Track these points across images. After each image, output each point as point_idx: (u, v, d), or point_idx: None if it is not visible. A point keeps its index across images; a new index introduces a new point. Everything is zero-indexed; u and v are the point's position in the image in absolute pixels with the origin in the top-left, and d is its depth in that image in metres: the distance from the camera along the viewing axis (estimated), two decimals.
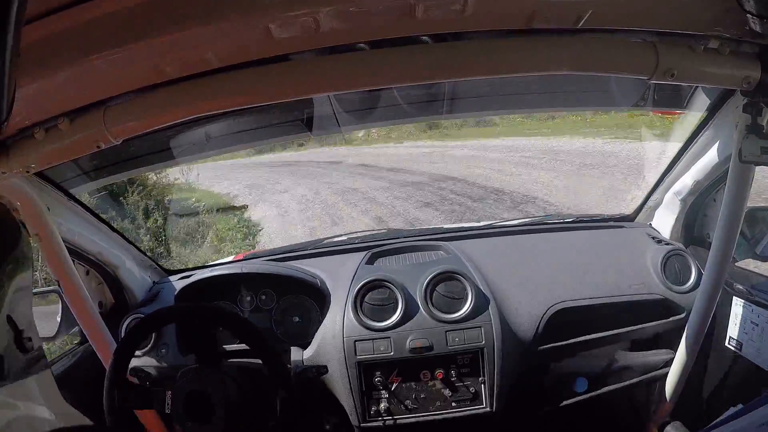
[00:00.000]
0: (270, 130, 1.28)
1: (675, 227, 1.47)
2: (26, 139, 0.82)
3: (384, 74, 0.78)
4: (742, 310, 1.24)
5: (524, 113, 7.30)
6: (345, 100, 1.12)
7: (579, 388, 1.39)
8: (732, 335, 1.27)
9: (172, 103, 0.79)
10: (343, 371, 1.28)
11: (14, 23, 0.40)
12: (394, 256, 1.53)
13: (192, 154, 1.31)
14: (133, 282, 1.49)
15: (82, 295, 1.12)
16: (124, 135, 0.82)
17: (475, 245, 1.53)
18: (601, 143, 8.21)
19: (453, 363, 1.28)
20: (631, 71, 0.79)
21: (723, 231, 1.03)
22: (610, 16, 0.73)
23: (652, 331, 1.35)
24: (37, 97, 0.72)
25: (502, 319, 1.30)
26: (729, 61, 0.77)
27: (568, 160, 7.70)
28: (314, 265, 1.52)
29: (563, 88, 1.22)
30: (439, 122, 9.70)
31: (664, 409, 1.36)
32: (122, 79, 0.75)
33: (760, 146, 0.84)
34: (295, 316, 1.42)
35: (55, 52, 0.64)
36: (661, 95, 1.20)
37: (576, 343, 1.34)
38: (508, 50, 0.76)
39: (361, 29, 0.71)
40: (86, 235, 1.28)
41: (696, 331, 1.18)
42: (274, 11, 0.63)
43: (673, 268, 1.39)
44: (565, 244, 1.53)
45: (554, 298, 1.34)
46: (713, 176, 1.27)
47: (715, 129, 1.17)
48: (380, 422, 1.29)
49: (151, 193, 5.92)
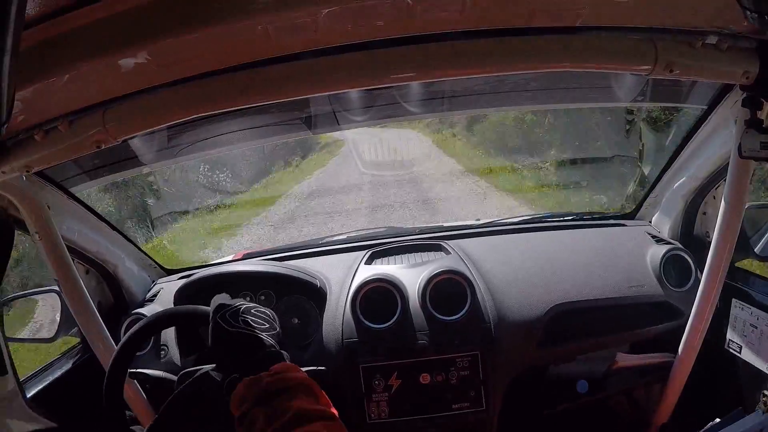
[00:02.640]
0: (269, 130, 1.28)
1: (674, 225, 1.47)
2: (26, 141, 0.82)
3: (384, 74, 0.78)
4: (741, 313, 1.23)
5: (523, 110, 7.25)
6: (344, 98, 1.12)
7: (579, 390, 1.39)
8: (731, 338, 1.26)
9: (173, 104, 0.79)
10: (342, 373, 1.28)
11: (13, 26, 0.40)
12: (394, 256, 1.53)
13: (192, 153, 1.31)
14: (133, 281, 1.49)
15: (81, 295, 1.11)
16: (124, 135, 0.82)
17: (474, 244, 1.53)
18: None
19: (452, 365, 1.27)
20: (631, 67, 0.79)
21: (722, 229, 1.03)
22: (609, 13, 0.73)
23: (651, 333, 1.35)
24: (36, 99, 0.72)
25: (501, 321, 1.29)
26: (728, 56, 0.77)
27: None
28: (314, 264, 1.52)
29: (562, 85, 1.22)
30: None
31: (663, 412, 1.35)
32: (122, 81, 0.75)
33: (760, 141, 0.84)
34: (294, 317, 1.42)
35: (54, 55, 0.64)
36: (660, 91, 1.20)
37: (575, 346, 1.34)
38: (507, 48, 0.76)
39: (360, 29, 0.71)
40: (86, 234, 1.28)
41: (695, 333, 1.18)
42: (273, 12, 0.63)
43: (672, 269, 1.38)
44: (565, 242, 1.53)
45: (554, 298, 1.33)
46: (713, 172, 1.27)
47: (714, 124, 1.17)
48: (380, 424, 1.28)
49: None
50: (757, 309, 1.19)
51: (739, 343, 1.24)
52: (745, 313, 1.22)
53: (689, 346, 1.21)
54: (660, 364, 1.33)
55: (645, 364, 1.37)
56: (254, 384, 0.68)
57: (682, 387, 1.28)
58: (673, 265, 1.38)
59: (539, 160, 6.65)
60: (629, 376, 1.40)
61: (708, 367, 1.29)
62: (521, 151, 7.49)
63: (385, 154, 8.19)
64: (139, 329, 0.88)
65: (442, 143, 10.84)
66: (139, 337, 0.89)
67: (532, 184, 6.39)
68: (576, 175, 5.83)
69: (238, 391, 0.68)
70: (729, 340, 1.27)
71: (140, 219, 5.70)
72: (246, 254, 1.78)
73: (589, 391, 1.39)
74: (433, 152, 10.32)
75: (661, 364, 1.33)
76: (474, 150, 9.41)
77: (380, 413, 1.28)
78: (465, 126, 9.95)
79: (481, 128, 9.19)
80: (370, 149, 8.26)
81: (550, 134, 6.76)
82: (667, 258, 1.38)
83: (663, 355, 1.35)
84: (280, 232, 6.33)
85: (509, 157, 7.85)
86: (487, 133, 8.94)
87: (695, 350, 1.21)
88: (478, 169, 7.87)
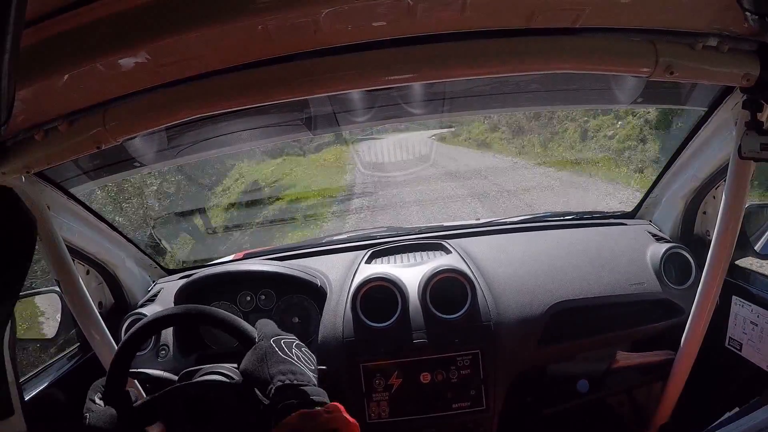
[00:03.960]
0: (269, 130, 1.28)
1: (675, 224, 1.47)
2: (26, 141, 0.82)
3: (384, 75, 0.77)
4: (741, 310, 1.24)
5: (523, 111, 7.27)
6: (344, 99, 1.12)
7: (579, 389, 1.39)
8: (732, 335, 1.27)
9: (173, 105, 0.79)
10: (343, 373, 1.28)
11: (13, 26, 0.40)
12: (394, 255, 1.53)
13: (192, 153, 1.31)
14: (133, 281, 1.49)
15: (82, 296, 1.12)
16: (124, 135, 0.82)
17: (475, 243, 1.53)
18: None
19: (453, 364, 1.27)
20: (631, 69, 0.79)
21: (722, 228, 1.03)
22: (609, 15, 0.73)
23: (652, 331, 1.35)
24: (36, 99, 0.72)
25: (501, 319, 1.29)
26: (728, 58, 0.77)
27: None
28: (314, 263, 1.52)
29: (562, 86, 1.22)
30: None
31: (664, 411, 1.35)
32: (122, 81, 0.75)
33: (760, 142, 0.84)
34: (294, 316, 1.42)
35: (54, 55, 0.64)
36: (660, 92, 1.20)
37: (576, 344, 1.34)
38: (507, 50, 0.76)
39: (360, 30, 0.71)
40: (86, 234, 1.28)
41: (696, 331, 1.18)
42: (273, 13, 0.63)
43: (672, 267, 1.39)
44: (566, 241, 1.53)
45: (555, 296, 1.34)
46: (713, 172, 1.27)
47: (715, 125, 1.17)
48: (380, 424, 1.28)
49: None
50: (757, 306, 1.19)
51: (739, 340, 1.24)
52: (746, 310, 1.22)
53: (690, 344, 1.21)
54: (661, 361, 1.34)
55: (647, 363, 1.38)
56: (311, 417, 0.67)
57: (683, 385, 1.29)
58: (674, 263, 1.39)
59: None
60: (630, 374, 1.40)
61: (708, 365, 1.29)
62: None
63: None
64: (137, 331, 0.87)
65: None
66: (138, 339, 0.88)
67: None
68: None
69: (291, 419, 0.68)
70: (729, 338, 1.27)
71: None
72: (246, 254, 1.78)
73: (589, 390, 1.39)
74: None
75: (662, 362, 1.33)
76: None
77: (380, 413, 1.28)
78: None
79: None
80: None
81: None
82: (667, 256, 1.38)
83: (664, 352, 1.35)
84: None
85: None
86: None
87: (696, 348, 1.21)
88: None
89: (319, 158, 11.76)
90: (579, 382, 1.38)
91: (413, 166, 9.24)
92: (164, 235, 5.56)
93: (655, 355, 1.37)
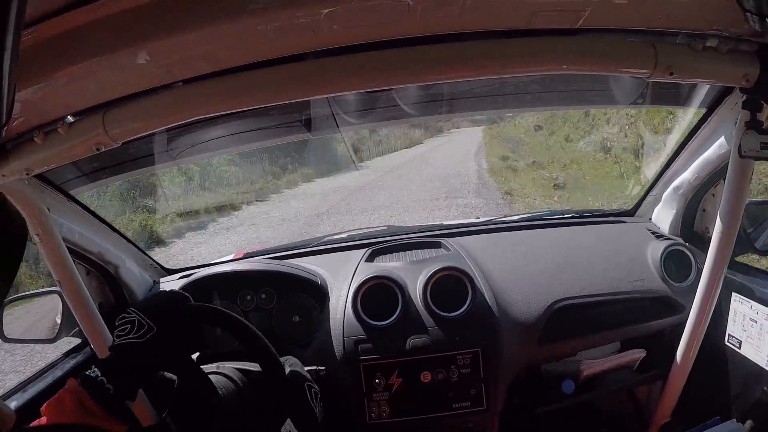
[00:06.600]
0: (269, 132, 1.28)
1: (674, 222, 1.47)
2: (26, 143, 0.82)
3: (384, 76, 0.77)
4: (741, 307, 1.24)
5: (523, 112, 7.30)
6: (343, 100, 1.12)
7: (564, 391, 1.38)
8: (731, 333, 1.27)
9: (173, 106, 0.78)
10: (343, 372, 1.28)
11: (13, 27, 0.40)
12: (394, 254, 1.53)
13: (191, 155, 1.31)
14: (134, 281, 1.49)
15: (82, 296, 1.12)
16: (124, 137, 0.82)
17: (475, 242, 1.53)
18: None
19: (453, 363, 1.27)
20: (631, 70, 0.79)
21: (722, 226, 1.03)
22: (609, 16, 0.73)
23: (652, 328, 1.35)
24: (36, 101, 0.71)
25: (502, 317, 1.30)
26: (728, 59, 0.77)
27: None
28: (314, 262, 1.52)
29: (562, 87, 1.22)
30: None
31: (665, 409, 1.36)
32: (122, 82, 0.75)
33: (760, 142, 0.84)
34: (295, 315, 1.42)
35: (54, 56, 0.63)
36: (660, 93, 1.20)
37: (577, 342, 1.34)
38: (507, 50, 0.76)
39: (360, 31, 0.71)
40: (87, 235, 1.28)
41: (696, 329, 1.18)
42: (273, 14, 0.63)
43: (672, 264, 1.39)
44: (566, 239, 1.53)
45: (555, 294, 1.34)
46: (712, 171, 1.27)
47: (714, 125, 1.17)
48: (380, 425, 1.28)
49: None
50: (757, 303, 1.20)
51: (738, 337, 1.25)
52: (745, 307, 1.22)
53: (690, 342, 1.21)
54: (661, 360, 1.34)
55: (614, 367, 1.37)
56: None
57: (683, 382, 1.29)
58: (674, 260, 1.39)
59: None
60: (630, 373, 1.40)
61: (708, 363, 1.30)
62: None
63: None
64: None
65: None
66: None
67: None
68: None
69: None
70: (729, 335, 1.27)
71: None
72: (246, 253, 1.78)
73: (582, 391, 1.38)
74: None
75: (662, 361, 1.33)
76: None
77: (381, 413, 1.28)
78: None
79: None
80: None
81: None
82: (667, 253, 1.38)
83: (633, 351, 1.36)
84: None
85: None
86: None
87: (697, 344, 1.21)
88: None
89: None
90: (564, 382, 1.37)
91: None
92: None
93: (623, 356, 1.38)
